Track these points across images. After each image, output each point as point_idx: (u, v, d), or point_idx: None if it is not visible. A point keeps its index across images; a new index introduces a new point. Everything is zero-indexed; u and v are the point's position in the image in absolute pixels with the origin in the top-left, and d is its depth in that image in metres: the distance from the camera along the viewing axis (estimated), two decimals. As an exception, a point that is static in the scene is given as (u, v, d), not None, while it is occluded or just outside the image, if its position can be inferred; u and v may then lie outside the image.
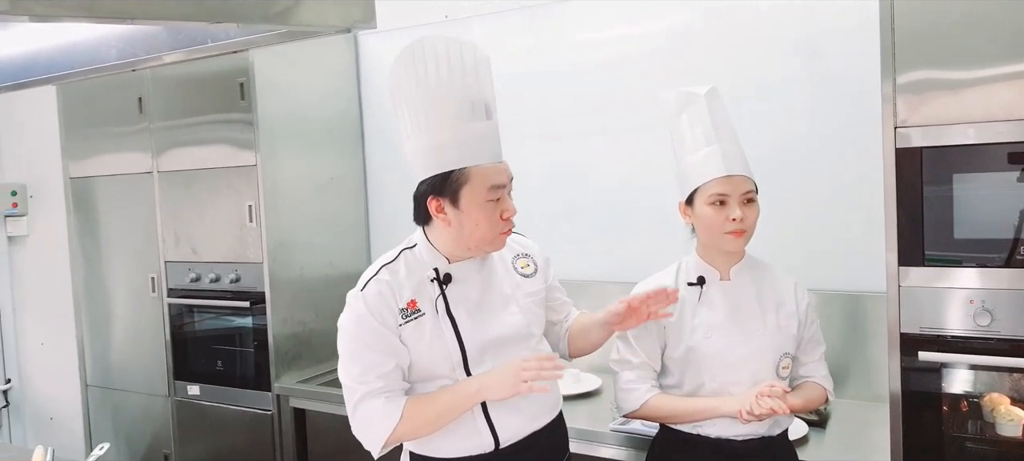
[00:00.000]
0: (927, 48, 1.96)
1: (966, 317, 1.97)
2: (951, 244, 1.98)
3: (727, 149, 1.94)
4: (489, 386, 1.76)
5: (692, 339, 1.96)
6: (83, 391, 4.18)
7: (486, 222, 1.77)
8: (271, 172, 3.43)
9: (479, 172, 1.75)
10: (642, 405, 1.99)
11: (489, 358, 1.83)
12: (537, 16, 3.34)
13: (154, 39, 2.63)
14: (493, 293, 1.88)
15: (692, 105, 1.98)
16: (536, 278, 1.97)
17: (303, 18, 2.31)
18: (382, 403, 1.77)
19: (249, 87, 3.37)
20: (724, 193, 1.91)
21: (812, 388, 2.05)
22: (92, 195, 4.04)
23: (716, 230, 1.93)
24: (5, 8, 1.62)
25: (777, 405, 1.83)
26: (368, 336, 1.78)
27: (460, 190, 1.75)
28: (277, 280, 3.47)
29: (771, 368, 1.96)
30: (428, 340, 1.80)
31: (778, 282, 2.04)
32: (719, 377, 1.95)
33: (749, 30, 2.92)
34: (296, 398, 3.41)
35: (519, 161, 3.35)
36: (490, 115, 1.79)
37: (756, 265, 2.05)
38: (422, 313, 1.81)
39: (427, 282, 1.83)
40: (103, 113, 3.91)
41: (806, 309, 2.04)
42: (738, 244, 1.95)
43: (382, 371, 1.78)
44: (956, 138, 1.94)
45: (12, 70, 3.21)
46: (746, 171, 1.95)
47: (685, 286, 2.00)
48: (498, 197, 1.78)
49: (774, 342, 1.97)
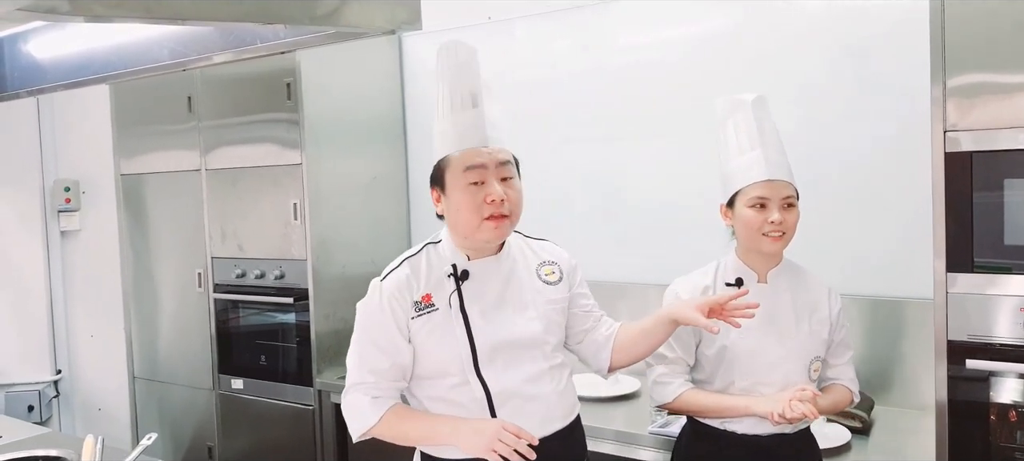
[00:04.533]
0: (978, 51, 1.92)
1: (1016, 325, 1.94)
2: (1002, 251, 1.94)
3: (770, 155, 1.98)
4: (463, 435, 1.77)
5: (727, 338, 1.98)
6: (130, 383, 4.29)
7: (466, 206, 1.77)
8: (315, 171, 3.48)
9: (458, 156, 1.79)
10: (676, 398, 2.03)
11: (500, 360, 1.81)
12: (580, 18, 3.34)
13: (205, 40, 2.71)
14: (511, 295, 1.87)
15: (739, 111, 2.03)
16: (560, 286, 1.94)
17: (350, 19, 2.35)
18: (367, 402, 1.83)
19: (296, 87, 3.43)
20: (765, 196, 1.95)
21: (840, 390, 2.09)
22: (142, 191, 4.14)
23: (755, 232, 1.96)
24: (66, 9, 1.68)
25: (808, 409, 1.86)
26: (375, 329, 1.83)
27: (444, 176, 1.81)
28: (320, 277, 3.52)
29: (803, 371, 2.00)
30: (438, 336, 1.81)
31: (813, 287, 2.07)
32: (750, 377, 1.99)
33: (793, 33, 2.89)
34: (337, 393, 3.44)
35: (559, 162, 3.40)
36: (476, 103, 1.81)
37: (793, 270, 2.07)
38: (436, 308, 1.81)
39: (445, 277, 1.84)
40: (154, 112, 4.01)
41: (838, 314, 2.07)
42: (776, 247, 1.98)
43: (376, 367, 1.82)
44: (1008, 143, 1.90)
45: (69, 69, 3.31)
46: (788, 177, 1.99)
47: (723, 286, 2.03)
48: (478, 179, 1.77)
49: (806, 346, 2.00)
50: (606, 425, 2.59)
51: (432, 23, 2.77)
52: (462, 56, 1.84)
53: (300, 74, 3.42)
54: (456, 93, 1.82)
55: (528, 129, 3.23)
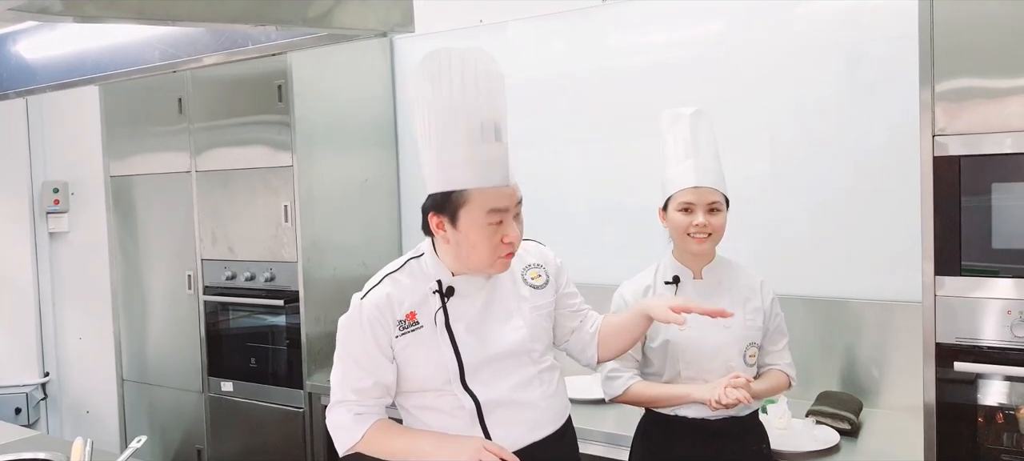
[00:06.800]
0: (967, 56, 1.94)
1: (1003, 328, 1.96)
2: (989, 254, 1.96)
3: (701, 164, 2.12)
4: (445, 451, 1.77)
5: (668, 332, 2.12)
6: (119, 385, 4.27)
7: (484, 246, 1.73)
8: (307, 173, 3.48)
9: (480, 195, 1.70)
10: (624, 391, 2.16)
11: (487, 371, 1.80)
12: (572, 22, 3.35)
13: (197, 41, 2.69)
14: (496, 307, 1.84)
15: (678, 123, 2.18)
16: (546, 289, 1.93)
17: (342, 21, 2.35)
18: (350, 419, 1.82)
19: (287, 89, 3.43)
20: (691, 202, 2.11)
21: (776, 375, 2.21)
22: (132, 193, 4.12)
23: (682, 233, 2.12)
24: (58, 9, 1.67)
25: (742, 395, 1.99)
26: (356, 348, 1.81)
27: (459, 211, 1.72)
28: (311, 280, 3.52)
29: (740, 357, 2.14)
30: (424, 353, 1.79)
31: (746, 280, 2.21)
32: (694, 365, 2.12)
33: (786, 37, 2.90)
34: (327, 396, 3.43)
35: (553, 165, 3.40)
36: (499, 137, 1.72)
37: (726, 265, 2.21)
38: (420, 326, 1.79)
39: (429, 294, 1.81)
40: (144, 113, 3.99)
41: (771, 303, 2.21)
42: (701, 247, 2.12)
43: (358, 386, 1.81)
44: (995, 147, 1.93)
45: (58, 70, 3.29)
46: (716, 185, 2.12)
47: (662, 284, 2.19)
48: (499, 220, 1.73)
49: (742, 334, 2.14)
50: (596, 427, 2.60)
51: (423, 26, 2.77)
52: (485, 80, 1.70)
53: (291, 76, 3.41)
54: (476, 120, 1.69)
55: (519, 132, 3.22)
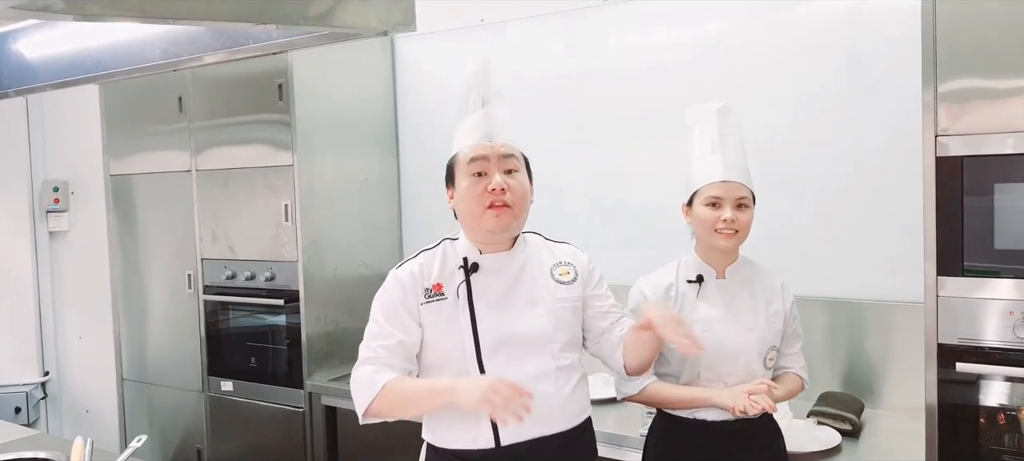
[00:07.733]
0: (969, 56, 1.94)
1: (1005, 328, 1.95)
2: (991, 255, 1.96)
3: (729, 159, 2.09)
4: (461, 389, 1.78)
5: None
6: (119, 385, 4.26)
7: (469, 194, 1.86)
8: (307, 172, 3.48)
9: (464, 153, 1.90)
10: (641, 390, 2.13)
11: (503, 354, 1.85)
12: (572, 21, 3.35)
13: (197, 40, 2.69)
14: (520, 291, 1.91)
15: (704, 118, 2.15)
16: (573, 285, 1.98)
17: (343, 20, 2.35)
18: (370, 372, 1.86)
19: (287, 88, 3.42)
20: (719, 196, 2.06)
21: (792, 379, 2.20)
22: (131, 192, 4.11)
23: (709, 229, 2.08)
24: (60, 7, 1.67)
25: (767, 403, 1.98)
26: (387, 306, 1.91)
27: (455, 175, 1.92)
28: (311, 279, 3.51)
29: (760, 360, 2.11)
30: (444, 324, 1.87)
31: (768, 281, 2.18)
32: (714, 368, 2.09)
33: (787, 37, 2.90)
34: (327, 396, 3.45)
35: (553, 165, 3.39)
36: (485, 103, 1.92)
37: (749, 265, 2.18)
38: (444, 297, 1.89)
39: (456, 269, 1.91)
40: (144, 112, 3.99)
41: (791, 306, 2.19)
42: (729, 243, 2.08)
43: (386, 342, 1.87)
44: (998, 147, 1.92)
45: (58, 69, 3.28)
46: (743, 180, 2.09)
47: (685, 283, 2.14)
48: (481, 170, 1.87)
49: (764, 337, 2.12)
50: (597, 427, 2.57)
51: (423, 25, 2.77)
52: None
53: (292, 75, 3.41)
54: (468, 98, 1.94)
55: (519, 132, 3.23)
